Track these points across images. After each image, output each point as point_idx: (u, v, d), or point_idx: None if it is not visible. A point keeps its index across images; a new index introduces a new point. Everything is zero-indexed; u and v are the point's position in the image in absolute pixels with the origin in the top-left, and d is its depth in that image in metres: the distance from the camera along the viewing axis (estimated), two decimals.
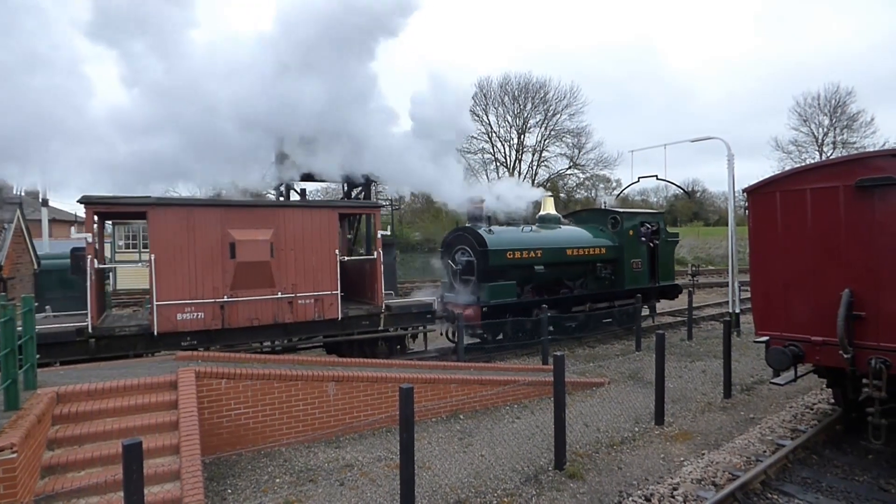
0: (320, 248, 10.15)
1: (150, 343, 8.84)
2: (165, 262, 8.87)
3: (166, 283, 8.87)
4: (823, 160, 29.21)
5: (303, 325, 10.01)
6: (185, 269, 9.02)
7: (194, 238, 9.07)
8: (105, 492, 4.78)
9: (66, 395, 5.84)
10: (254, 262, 9.40)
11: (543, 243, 13.74)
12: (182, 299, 8.95)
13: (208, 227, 9.15)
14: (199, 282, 9.09)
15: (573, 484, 5.76)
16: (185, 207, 9.19)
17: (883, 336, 5.91)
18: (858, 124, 44.27)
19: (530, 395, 8.82)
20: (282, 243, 9.75)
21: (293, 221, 9.89)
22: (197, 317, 9.06)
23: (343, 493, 5.54)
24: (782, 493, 5.56)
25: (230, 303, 9.29)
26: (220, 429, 6.49)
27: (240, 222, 9.42)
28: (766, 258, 7.01)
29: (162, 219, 8.92)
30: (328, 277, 10.15)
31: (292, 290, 9.85)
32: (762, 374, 10.12)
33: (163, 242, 8.91)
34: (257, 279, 9.48)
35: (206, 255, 9.13)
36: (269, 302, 9.62)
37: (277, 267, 9.69)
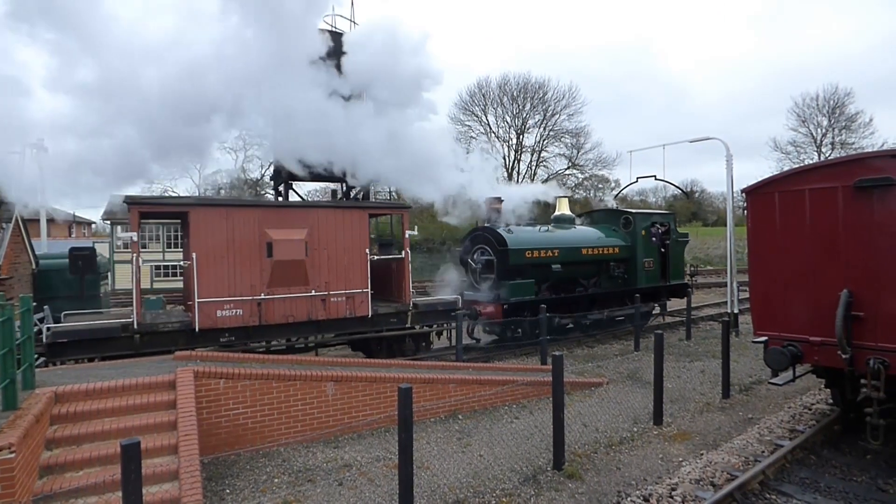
0: (352, 247, 10.47)
1: (191, 339, 9.09)
2: (206, 260, 9.13)
3: (207, 280, 9.13)
4: (822, 161, 29.25)
5: (335, 322, 10.29)
6: (225, 268, 9.32)
7: (233, 237, 9.37)
8: (103, 492, 4.77)
9: (65, 394, 5.83)
10: (290, 260, 9.67)
11: (560, 243, 14.11)
12: (222, 296, 9.23)
13: (246, 226, 9.45)
14: (238, 280, 9.39)
15: (572, 484, 5.76)
16: (224, 208, 9.50)
17: (881, 336, 5.92)
18: (857, 125, 44.49)
19: (529, 395, 8.82)
20: (315, 242, 10.05)
21: (326, 221, 10.19)
22: (235, 313, 9.36)
23: (342, 493, 5.54)
24: (781, 494, 5.56)
25: (267, 300, 9.60)
26: (219, 429, 6.49)
27: (276, 222, 9.72)
28: (765, 258, 7.01)
29: (202, 219, 9.20)
30: (359, 276, 10.46)
31: (325, 288, 10.15)
32: (761, 375, 10.13)
33: (203, 242, 9.17)
34: (293, 277, 9.77)
35: (244, 253, 9.42)
36: (303, 299, 9.92)
37: (311, 265, 9.97)
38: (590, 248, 14.57)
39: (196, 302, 9.00)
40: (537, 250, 13.50)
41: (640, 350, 12.82)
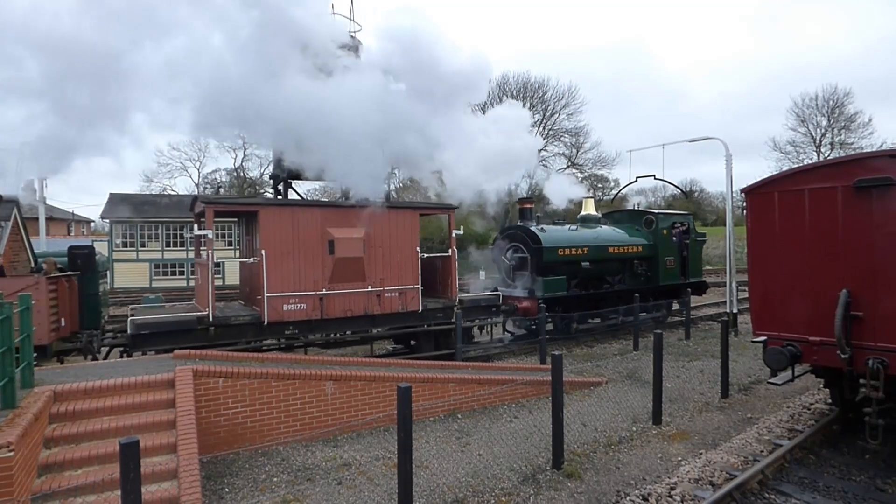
0: (404, 245, 11.02)
1: (260, 331, 9.63)
2: (274, 257, 9.60)
3: (275, 276, 9.62)
4: (821, 161, 29.27)
5: (388, 316, 10.84)
6: (290, 264, 9.80)
7: (298, 236, 9.87)
8: (102, 490, 4.77)
9: (63, 393, 5.82)
10: (350, 257, 10.23)
11: (589, 241, 14.80)
12: (288, 291, 9.73)
13: (310, 225, 9.97)
14: (302, 275, 9.89)
15: (571, 483, 5.76)
16: (290, 207, 10.05)
17: (880, 336, 5.93)
18: (856, 125, 44.49)
19: (528, 394, 8.82)
20: (372, 241, 10.59)
21: (381, 221, 10.67)
22: (300, 307, 9.88)
23: (341, 492, 5.54)
24: (779, 493, 5.57)
25: (328, 295, 10.13)
26: (218, 427, 6.48)
27: (337, 221, 10.25)
28: (764, 258, 7.02)
29: (271, 218, 9.68)
30: (410, 273, 11.02)
31: (380, 284, 10.71)
32: (759, 374, 10.15)
33: (271, 240, 9.63)
34: (352, 273, 10.34)
35: (308, 251, 9.93)
36: (360, 295, 10.49)
37: (368, 262, 10.54)
38: (616, 247, 15.27)
39: (265, 296, 9.51)
40: (569, 248, 14.15)
41: (639, 350, 12.83)
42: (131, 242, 30.99)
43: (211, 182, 54.14)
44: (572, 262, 14.26)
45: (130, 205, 32.04)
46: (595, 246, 14.78)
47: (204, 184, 53.92)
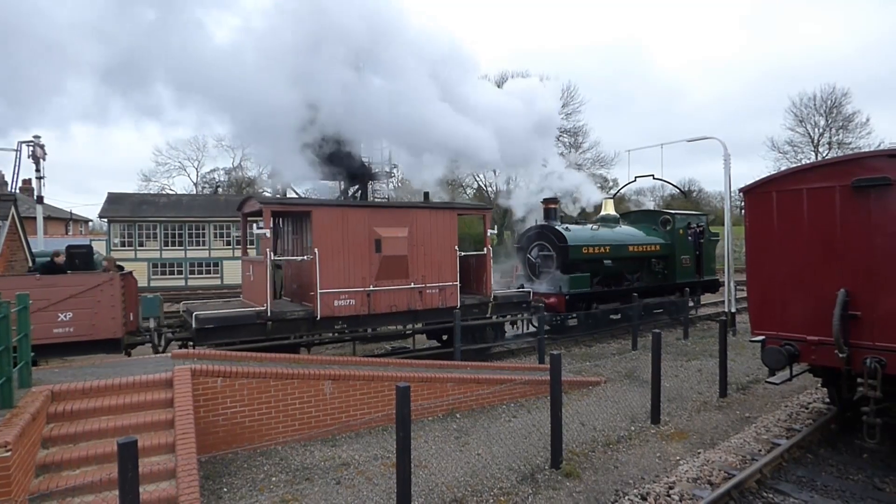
0: (443, 244, 11.50)
1: (313, 325, 10.09)
2: (326, 255, 10.05)
3: (327, 273, 10.07)
4: (820, 160, 29.33)
5: (429, 311, 11.31)
6: (341, 262, 10.27)
7: (347, 235, 10.33)
8: (100, 490, 4.76)
9: (61, 393, 5.81)
10: (395, 255, 10.72)
11: (610, 240, 15.46)
12: (338, 288, 10.19)
13: (358, 225, 10.41)
14: (351, 273, 10.35)
15: (569, 483, 5.77)
16: (340, 208, 10.48)
17: (878, 336, 5.94)
18: (854, 125, 44.57)
19: (527, 393, 8.82)
20: (414, 240, 11.05)
21: (422, 220, 11.18)
22: (349, 303, 10.34)
23: (339, 492, 5.53)
24: (778, 492, 5.58)
25: (375, 291, 10.61)
26: (216, 427, 6.47)
27: (383, 221, 10.71)
28: (763, 258, 7.02)
29: (323, 218, 10.13)
30: (450, 270, 11.52)
31: (422, 281, 11.17)
32: (758, 374, 10.16)
33: (323, 239, 10.07)
34: (397, 271, 10.82)
35: (357, 249, 10.40)
36: (404, 291, 10.95)
37: (411, 260, 11.00)
38: (635, 246, 15.94)
39: (318, 293, 9.95)
40: (592, 247, 14.81)
41: (637, 349, 12.84)
42: (129, 242, 30.93)
43: (209, 181, 54.10)
44: (595, 259, 14.86)
45: (129, 204, 32.00)
46: (616, 245, 15.39)
47: (202, 183, 53.87)
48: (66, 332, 8.43)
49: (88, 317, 8.59)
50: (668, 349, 12.58)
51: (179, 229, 32.09)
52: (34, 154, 18.98)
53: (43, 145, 19.53)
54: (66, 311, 8.42)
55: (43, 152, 19.46)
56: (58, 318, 8.37)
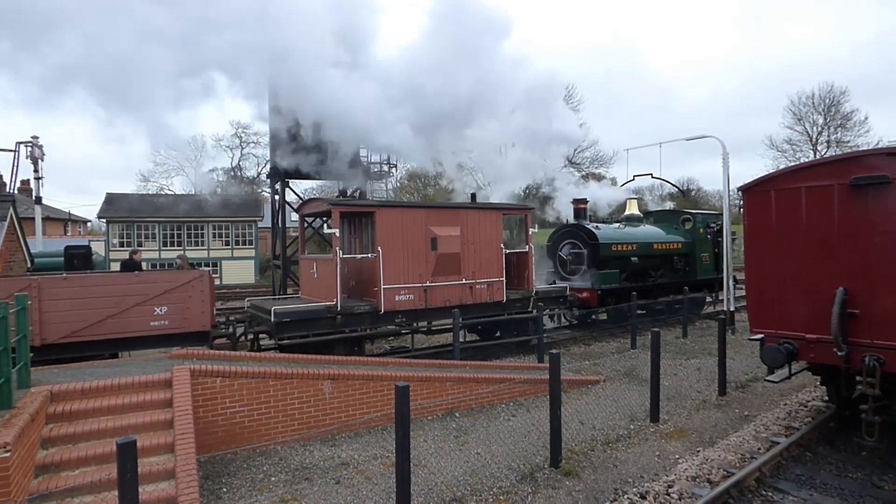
0: (491, 242, 12.15)
1: (376, 319, 10.78)
2: (388, 253, 10.66)
3: (389, 270, 10.70)
4: (818, 159, 29.35)
5: (478, 305, 11.97)
6: (401, 260, 10.91)
7: (406, 234, 10.96)
8: (99, 490, 4.76)
9: (60, 393, 5.80)
10: (449, 253, 11.42)
11: (637, 238, 16.30)
12: (399, 283, 10.84)
13: (415, 224, 11.05)
14: (410, 270, 10.99)
15: (569, 481, 5.77)
16: (400, 208, 11.25)
17: (877, 334, 5.95)
18: (852, 123, 44.60)
19: (526, 392, 8.83)
20: (465, 238, 11.72)
21: (472, 220, 11.84)
22: (408, 298, 11.00)
23: (339, 492, 5.53)
24: (777, 490, 5.59)
25: (431, 287, 11.26)
26: (216, 427, 6.47)
27: (438, 220, 11.38)
28: (761, 256, 7.03)
29: (385, 218, 10.75)
30: (496, 267, 12.16)
31: (472, 277, 11.86)
32: (757, 372, 10.18)
33: (386, 238, 10.69)
34: (450, 267, 11.51)
35: (415, 247, 11.04)
36: (456, 286, 11.64)
37: (463, 257, 11.70)
38: (659, 244, 16.77)
39: (381, 288, 10.58)
40: (620, 244, 15.62)
41: (636, 348, 12.85)
42: (128, 242, 30.88)
43: (208, 181, 54.00)
44: (623, 257, 15.64)
45: (127, 204, 31.95)
46: (642, 242, 16.26)
47: (201, 183, 53.77)
48: (162, 325, 9.21)
49: (181, 311, 9.37)
50: (668, 348, 12.59)
51: (178, 229, 32.05)
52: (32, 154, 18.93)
53: (41, 146, 19.47)
54: (161, 305, 9.19)
55: (41, 153, 19.41)
56: (154, 312, 9.16)
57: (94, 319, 8.71)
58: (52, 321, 8.48)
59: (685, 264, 17.56)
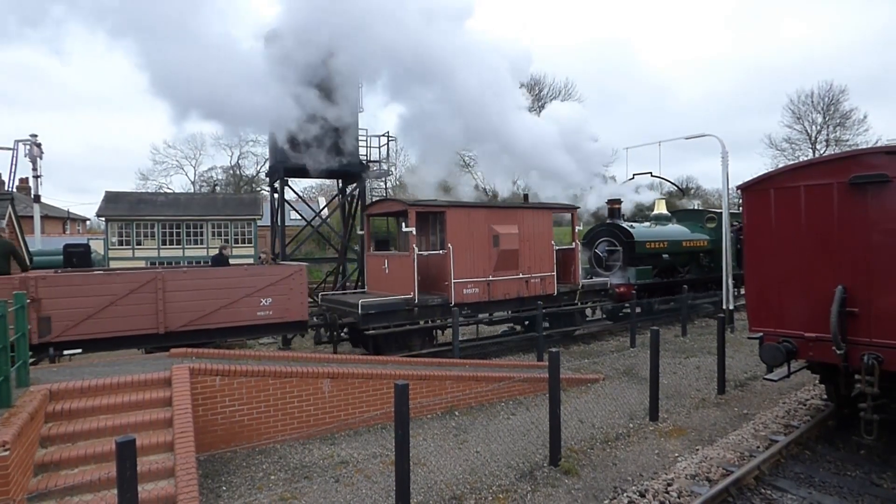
0: (543, 239, 13.02)
1: (446, 311, 11.55)
2: (457, 250, 11.55)
3: (458, 266, 11.56)
4: (817, 157, 29.35)
5: (532, 298, 12.70)
6: (468, 256, 11.78)
7: (472, 232, 11.82)
8: (99, 489, 4.75)
9: (59, 392, 5.80)
10: (510, 249, 12.29)
11: (667, 236, 17.26)
12: (466, 278, 11.71)
13: (480, 223, 11.94)
14: (475, 265, 11.87)
15: (568, 480, 5.78)
16: (467, 208, 12.12)
17: (875, 332, 5.95)
18: (851, 122, 44.58)
19: (525, 391, 8.83)
20: (522, 235, 12.57)
21: (527, 218, 12.74)
22: (474, 291, 11.88)
23: (338, 490, 5.54)
24: (775, 489, 5.60)
25: (493, 281, 12.15)
26: (215, 426, 6.47)
27: (499, 219, 12.26)
28: (761, 255, 7.03)
29: (455, 217, 11.61)
30: (548, 262, 13.11)
31: (528, 272, 12.73)
32: (756, 370, 10.19)
33: (455, 236, 11.56)
34: (510, 263, 12.37)
35: (479, 244, 11.91)
36: (514, 280, 12.48)
37: (521, 253, 12.54)
38: (687, 241, 17.66)
39: (452, 282, 11.48)
40: (653, 242, 16.57)
41: (636, 346, 12.86)
42: (127, 241, 30.84)
43: (207, 180, 53.98)
44: (655, 254, 16.61)
45: (126, 203, 31.91)
46: (672, 240, 17.21)
47: (200, 181, 53.74)
48: (267, 315, 9.88)
49: (283, 302, 10.02)
50: (667, 346, 12.60)
51: (177, 228, 32.01)
52: (31, 153, 18.89)
53: (40, 144, 19.42)
54: (267, 297, 9.84)
55: (40, 151, 19.37)
56: (260, 303, 9.81)
57: (209, 310, 9.39)
58: (173, 311, 9.13)
59: (710, 261, 18.23)
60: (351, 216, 18.32)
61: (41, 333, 8.18)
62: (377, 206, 13.36)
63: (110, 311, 8.64)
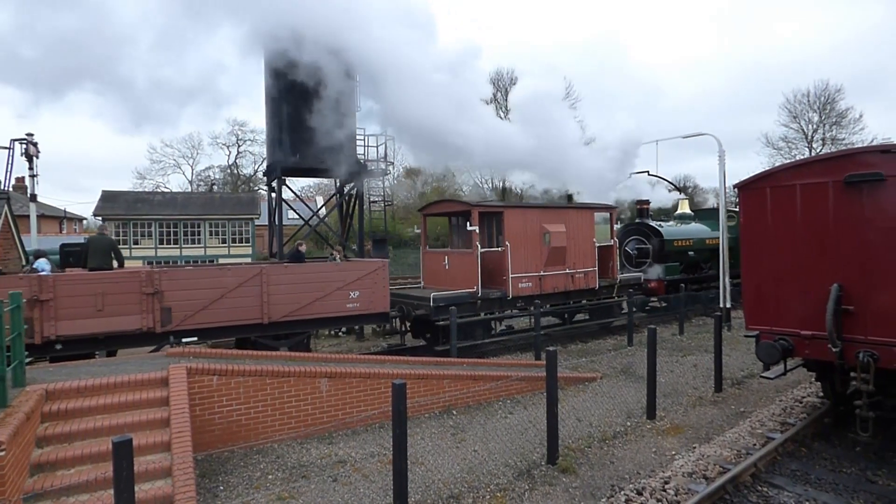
0: (586, 237, 14.15)
1: (504, 304, 12.60)
2: (514, 247, 12.57)
3: (515, 261, 12.54)
4: (813, 156, 29.42)
5: (576, 292, 14.00)
6: (522, 252, 12.78)
7: (525, 231, 12.85)
8: (95, 489, 4.75)
9: (56, 392, 5.79)
10: (559, 246, 13.37)
11: (692, 234, 18.35)
12: (522, 273, 12.71)
13: (532, 222, 12.99)
14: (528, 261, 12.86)
15: (566, 478, 5.79)
16: (521, 209, 13.18)
17: (871, 330, 5.98)
18: (847, 121, 44.70)
19: (523, 390, 8.84)
20: (569, 233, 13.66)
21: (572, 218, 13.87)
22: (528, 285, 12.91)
23: (336, 489, 5.54)
24: (772, 486, 5.62)
25: (544, 276, 13.20)
26: (212, 425, 6.46)
27: (549, 219, 13.35)
28: (757, 253, 7.05)
29: (512, 217, 12.64)
30: (590, 258, 14.24)
31: (573, 267, 13.86)
32: (752, 368, 10.22)
33: (512, 234, 12.56)
34: (558, 259, 13.47)
35: (532, 242, 12.92)
36: (561, 275, 13.62)
37: (568, 250, 13.64)
38: (711, 239, 18.26)
39: (510, 277, 12.48)
40: (680, 240, 17.69)
41: (633, 345, 12.89)
42: (124, 240, 30.76)
43: (204, 179, 53.86)
44: (682, 251, 17.71)
45: (123, 202, 31.82)
46: (697, 238, 18.24)
47: (197, 181, 53.61)
48: (354, 306, 10.75)
49: (369, 295, 10.92)
50: (664, 345, 12.63)
51: (174, 227, 31.94)
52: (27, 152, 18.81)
53: (36, 143, 19.35)
54: (354, 290, 10.72)
55: (36, 150, 19.29)
56: (349, 295, 10.68)
57: (305, 302, 10.22)
58: (275, 303, 9.94)
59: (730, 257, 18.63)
60: (348, 215, 18.31)
61: (163, 323, 9.01)
62: (434, 207, 14.34)
63: (222, 302, 9.48)
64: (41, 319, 8.19)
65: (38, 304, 8.15)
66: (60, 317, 8.31)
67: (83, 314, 8.45)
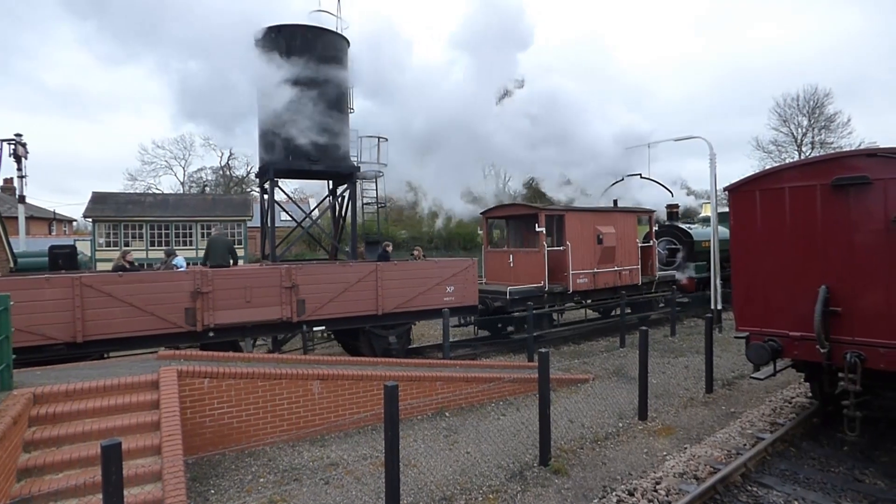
0: (630, 238, 15.47)
1: (564, 297, 14.06)
2: (574, 246, 13.80)
3: (574, 259, 13.83)
4: (801, 159, 29.75)
5: (622, 287, 15.03)
6: (581, 251, 14.02)
7: (581, 232, 14.07)
8: (84, 494, 4.70)
9: (44, 395, 5.72)
10: (609, 246, 14.67)
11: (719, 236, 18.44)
12: (579, 269, 14.01)
13: (587, 224, 14.31)
14: (584, 259, 14.17)
15: (558, 479, 5.81)
16: (578, 212, 14.37)
17: (858, 331, 6.06)
18: (836, 125, 45.27)
19: (515, 391, 8.86)
20: (616, 234, 14.93)
21: (619, 220, 15.22)
22: (584, 281, 14.21)
23: (328, 492, 5.52)
24: (761, 486, 5.67)
25: (597, 273, 14.50)
26: (203, 429, 6.42)
27: (600, 221, 14.65)
28: (747, 255, 7.13)
29: (572, 219, 13.91)
30: (634, 257, 15.59)
31: (621, 265, 15.14)
32: (743, 369, 10.31)
33: (572, 235, 13.81)
34: (609, 257, 14.74)
35: (586, 242, 14.22)
36: (611, 272, 14.88)
37: (616, 249, 14.90)
38: None
39: (570, 273, 13.76)
40: (708, 241, 17.78)
41: (625, 346, 12.95)
42: (115, 242, 30.48)
43: (196, 181, 53.53)
44: (708, 251, 17.80)
45: (114, 204, 31.53)
46: (723, 239, 18.69)
47: (189, 182, 53.28)
48: (450, 300, 11.81)
49: (461, 289, 12.04)
50: (656, 346, 12.71)
51: (166, 229, 31.70)
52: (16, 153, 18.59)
53: (25, 144, 19.14)
54: (450, 285, 11.88)
55: (25, 151, 19.08)
56: (446, 290, 11.82)
57: (411, 296, 11.34)
58: (387, 296, 11.02)
59: None
60: (341, 217, 18.25)
61: (298, 313, 9.96)
62: (497, 210, 15.41)
63: (345, 295, 10.50)
64: (202, 309, 9.01)
65: (200, 295, 8.98)
66: (218, 307, 9.18)
67: (235, 305, 9.37)
